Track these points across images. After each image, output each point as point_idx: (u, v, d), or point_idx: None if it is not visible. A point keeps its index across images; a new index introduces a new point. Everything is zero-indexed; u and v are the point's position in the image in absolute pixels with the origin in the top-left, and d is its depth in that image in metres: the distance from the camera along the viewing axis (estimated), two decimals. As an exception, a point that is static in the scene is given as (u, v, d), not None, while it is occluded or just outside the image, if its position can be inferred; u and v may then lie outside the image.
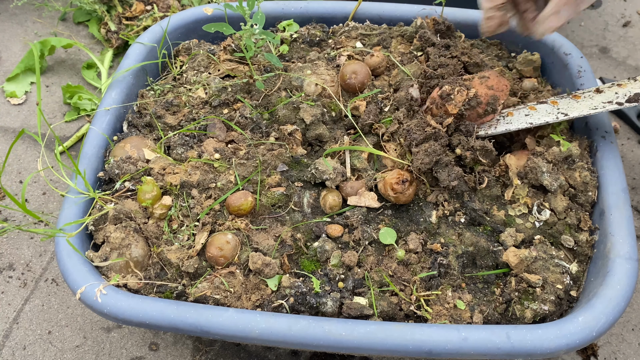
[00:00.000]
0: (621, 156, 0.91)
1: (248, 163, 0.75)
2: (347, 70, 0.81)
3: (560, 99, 0.66)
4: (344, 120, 0.81)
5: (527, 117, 0.68)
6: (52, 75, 1.21)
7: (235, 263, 0.69)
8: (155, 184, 0.72)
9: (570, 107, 0.67)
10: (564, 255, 0.70)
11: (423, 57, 0.84)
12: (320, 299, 0.65)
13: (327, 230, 0.71)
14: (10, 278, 0.92)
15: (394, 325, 0.61)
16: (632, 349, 0.86)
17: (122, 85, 0.84)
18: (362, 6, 0.94)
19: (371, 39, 0.90)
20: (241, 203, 0.71)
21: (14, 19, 1.31)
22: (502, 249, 0.69)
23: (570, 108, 0.67)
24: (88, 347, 0.85)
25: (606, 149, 0.75)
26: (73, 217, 0.70)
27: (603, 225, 0.70)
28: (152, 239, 0.71)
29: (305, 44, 0.91)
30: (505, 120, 0.69)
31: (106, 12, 1.25)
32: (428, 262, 0.69)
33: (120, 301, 0.63)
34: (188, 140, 0.79)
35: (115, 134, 0.81)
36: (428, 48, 0.83)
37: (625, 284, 0.63)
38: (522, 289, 0.67)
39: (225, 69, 0.86)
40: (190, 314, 0.62)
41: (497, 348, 0.59)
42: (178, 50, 0.93)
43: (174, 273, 0.69)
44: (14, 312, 0.89)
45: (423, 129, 0.73)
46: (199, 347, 0.85)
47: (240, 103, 0.82)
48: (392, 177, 0.71)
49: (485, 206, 0.72)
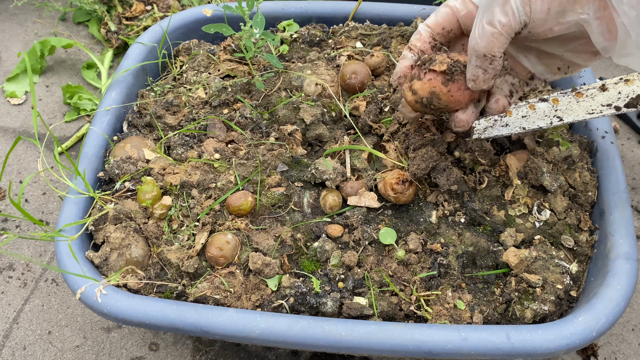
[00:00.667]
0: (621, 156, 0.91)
1: (248, 163, 0.75)
2: (347, 70, 0.81)
3: (563, 95, 0.65)
4: (344, 120, 0.81)
5: (523, 119, 0.68)
6: (52, 75, 1.21)
7: (235, 263, 0.69)
8: (155, 184, 0.72)
9: (568, 109, 0.66)
10: (564, 255, 0.70)
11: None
12: (320, 299, 0.65)
13: (327, 230, 0.71)
14: (10, 278, 0.92)
15: (394, 325, 0.61)
16: (632, 349, 0.86)
17: (122, 86, 0.84)
18: (362, 6, 0.94)
19: (371, 39, 0.90)
20: (241, 203, 0.71)
21: (14, 19, 1.31)
22: (502, 249, 0.69)
23: (568, 110, 0.66)
24: (88, 347, 0.85)
25: (606, 149, 0.75)
26: (73, 218, 0.70)
27: (603, 225, 0.70)
28: (152, 239, 0.71)
29: (305, 44, 0.91)
30: (501, 122, 0.68)
31: (106, 12, 1.25)
32: (428, 262, 0.69)
33: (120, 301, 0.63)
34: (188, 140, 0.79)
35: (115, 134, 0.81)
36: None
37: (625, 284, 0.63)
38: (522, 289, 0.67)
39: (225, 69, 0.86)
40: (190, 314, 0.62)
41: (497, 348, 0.59)
42: (178, 51, 0.93)
43: (174, 273, 0.69)
44: (14, 312, 0.89)
45: (422, 134, 0.72)
46: (199, 347, 0.85)
47: (240, 103, 0.82)
48: (392, 177, 0.71)
49: (485, 206, 0.72)
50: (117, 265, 0.68)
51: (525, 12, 0.53)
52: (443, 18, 0.65)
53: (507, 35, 0.56)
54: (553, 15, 0.52)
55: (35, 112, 0.64)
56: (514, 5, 0.53)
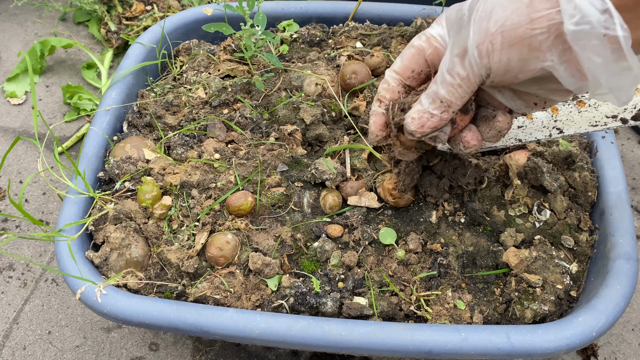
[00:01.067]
0: (621, 156, 0.91)
1: (248, 163, 0.75)
2: (347, 70, 0.81)
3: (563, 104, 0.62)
4: (343, 120, 0.81)
5: (520, 130, 0.65)
6: (52, 75, 1.21)
7: (235, 263, 0.69)
8: (155, 184, 0.72)
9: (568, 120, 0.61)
10: (564, 255, 0.70)
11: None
12: (320, 299, 0.65)
13: (327, 230, 0.71)
14: (10, 278, 0.92)
15: (394, 325, 0.61)
16: (632, 349, 0.86)
17: (122, 86, 0.84)
18: (362, 6, 0.94)
19: (371, 39, 0.90)
20: (241, 203, 0.71)
21: (14, 19, 1.31)
22: (502, 249, 0.69)
23: (568, 121, 0.61)
24: (88, 347, 0.85)
25: (606, 149, 0.75)
26: (73, 218, 0.70)
27: (603, 225, 0.70)
28: (152, 239, 0.71)
29: (305, 44, 0.91)
30: None
31: (106, 12, 1.25)
32: (428, 262, 0.69)
33: (120, 301, 0.63)
34: (188, 140, 0.79)
35: (115, 134, 0.81)
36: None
37: (625, 284, 0.63)
38: (522, 289, 0.67)
39: (225, 69, 0.86)
40: (190, 314, 0.62)
41: (497, 348, 0.59)
42: (178, 50, 0.93)
43: (174, 273, 0.69)
44: (14, 312, 0.89)
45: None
46: (199, 347, 0.85)
47: (240, 103, 0.82)
48: (390, 183, 0.71)
49: (485, 206, 0.72)
50: (117, 265, 0.68)
51: (484, 65, 0.47)
52: (410, 60, 0.58)
53: (467, 88, 0.50)
54: (515, 65, 0.46)
55: (36, 112, 0.64)
56: (472, 59, 0.48)
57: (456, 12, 0.52)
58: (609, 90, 0.45)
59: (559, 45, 0.43)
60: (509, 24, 0.44)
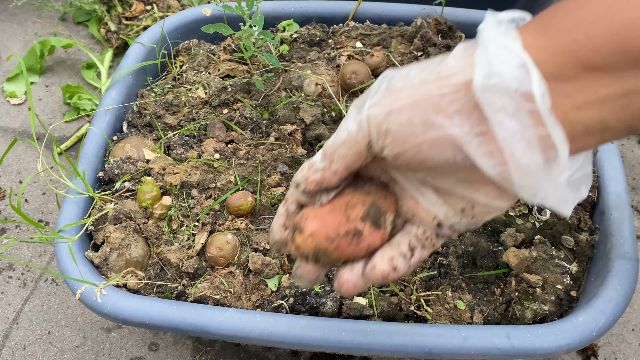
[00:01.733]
0: (621, 156, 0.90)
1: (248, 163, 0.75)
2: (347, 70, 0.81)
3: None
4: (344, 120, 0.81)
5: None
6: (52, 75, 1.21)
7: (235, 263, 0.69)
8: (155, 184, 0.72)
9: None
10: (564, 255, 0.70)
11: (423, 57, 0.84)
12: (320, 299, 0.65)
13: (327, 230, 0.71)
14: (10, 278, 0.92)
15: (394, 326, 0.61)
16: (632, 349, 0.86)
17: (122, 85, 0.84)
18: (362, 6, 0.93)
19: (371, 39, 0.90)
20: (241, 203, 0.71)
21: (14, 19, 1.31)
22: (502, 249, 0.69)
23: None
24: (88, 347, 0.85)
25: (606, 149, 0.75)
26: (73, 218, 0.70)
27: (603, 225, 0.70)
28: (152, 239, 0.71)
29: (305, 44, 0.91)
30: None
31: (106, 12, 1.25)
32: (428, 262, 0.69)
33: (120, 301, 0.63)
34: (188, 140, 0.79)
35: (115, 134, 0.81)
36: (429, 48, 0.83)
37: (626, 284, 0.63)
38: (522, 289, 0.67)
39: (225, 69, 0.86)
40: (190, 314, 0.62)
41: (497, 348, 0.59)
42: (178, 50, 0.92)
43: (174, 273, 0.69)
44: (13, 312, 0.89)
45: None
46: (199, 347, 0.85)
47: (240, 103, 0.82)
48: None
49: (485, 206, 0.72)
50: (117, 265, 0.68)
51: (377, 123, 0.38)
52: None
53: (356, 150, 0.40)
54: (417, 130, 0.36)
55: (33, 114, 0.64)
56: (368, 110, 0.38)
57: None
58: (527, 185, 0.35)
59: (472, 111, 0.34)
60: (417, 80, 0.37)
